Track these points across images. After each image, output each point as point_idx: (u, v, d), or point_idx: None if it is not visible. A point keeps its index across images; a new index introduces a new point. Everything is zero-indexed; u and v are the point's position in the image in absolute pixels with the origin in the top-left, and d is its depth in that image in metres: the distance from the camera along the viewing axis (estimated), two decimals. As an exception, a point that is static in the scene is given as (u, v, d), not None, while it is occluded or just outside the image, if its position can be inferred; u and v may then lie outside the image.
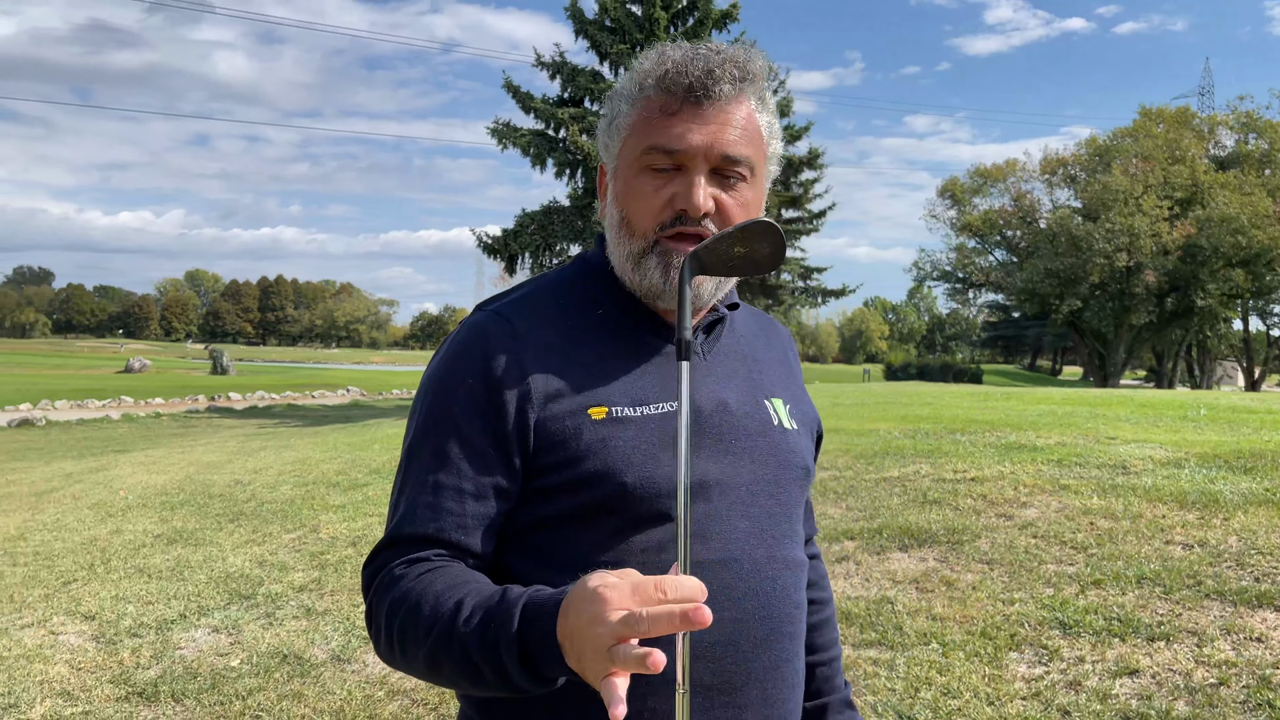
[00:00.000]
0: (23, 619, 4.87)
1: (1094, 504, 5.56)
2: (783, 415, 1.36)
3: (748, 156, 1.24)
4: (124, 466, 10.71)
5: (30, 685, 3.99)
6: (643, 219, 1.24)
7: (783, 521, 1.30)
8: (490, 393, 1.20)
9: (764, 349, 1.44)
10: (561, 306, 1.30)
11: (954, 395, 14.42)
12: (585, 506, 1.19)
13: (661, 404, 1.23)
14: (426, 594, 1.10)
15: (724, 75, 1.22)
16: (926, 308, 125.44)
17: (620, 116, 1.28)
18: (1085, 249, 43.73)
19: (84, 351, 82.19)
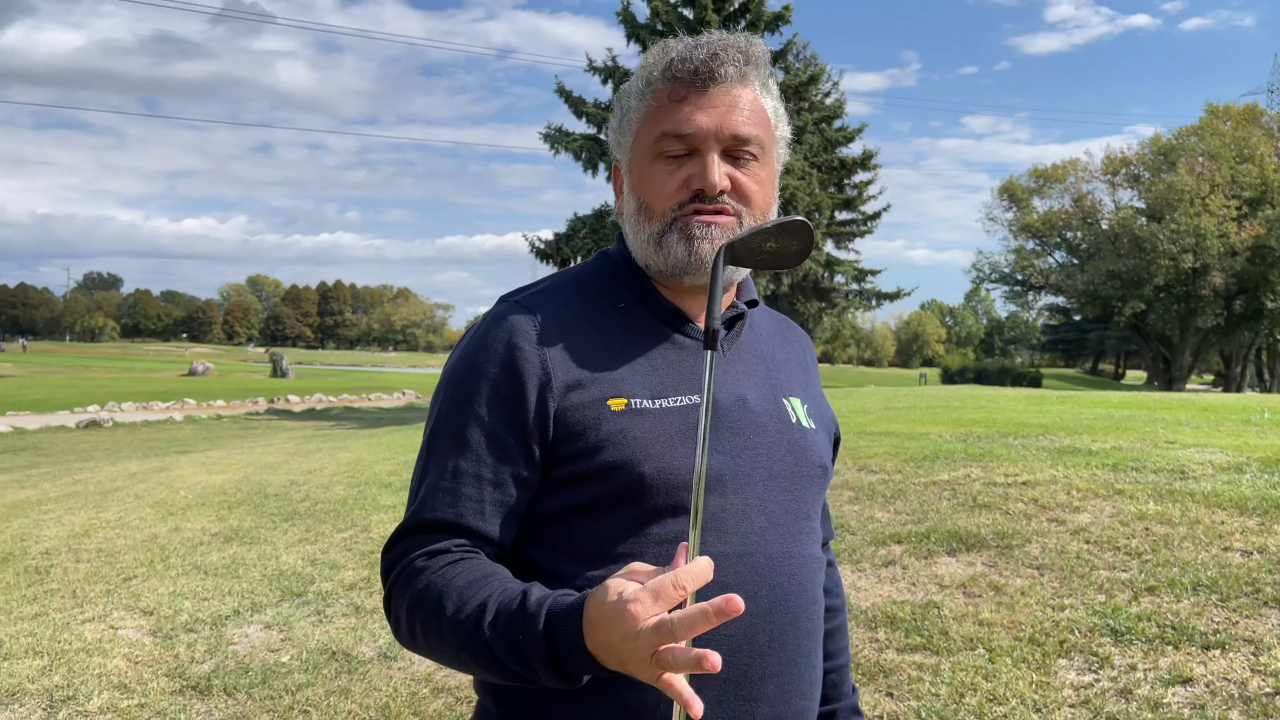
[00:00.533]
0: (84, 613, 5.01)
1: (1150, 509, 5.44)
2: (801, 414, 1.37)
3: (757, 135, 1.28)
4: (185, 467, 10.97)
5: (89, 678, 4.10)
6: (660, 201, 1.27)
7: (800, 518, 1.30)
8: (511, 382, 1.22)
9: (782, 349, 1.45)
10: (583, 299, 1.32)
11: (1008, 399, 14.19)
12: (603, 497, 1.21)
13: (680, 397, 1.25)
14: (449, 591, 1.12)
15: (727, 59, 1.26)
16: (985, 311, 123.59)
17: (630, 112, 1.32)
18: (1149, 250, 42.80)
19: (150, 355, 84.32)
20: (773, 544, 1.24)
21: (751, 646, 1.20)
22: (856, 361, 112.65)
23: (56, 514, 7.86)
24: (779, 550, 1.24)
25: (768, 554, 1.23)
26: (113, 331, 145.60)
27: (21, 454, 13.84)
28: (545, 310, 1.28)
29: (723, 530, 1.21)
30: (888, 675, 3.72)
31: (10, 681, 4.05)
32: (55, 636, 4.61)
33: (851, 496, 6.40)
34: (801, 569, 1.27)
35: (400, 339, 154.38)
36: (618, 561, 1.18)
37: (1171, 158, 46.02)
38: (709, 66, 1.25)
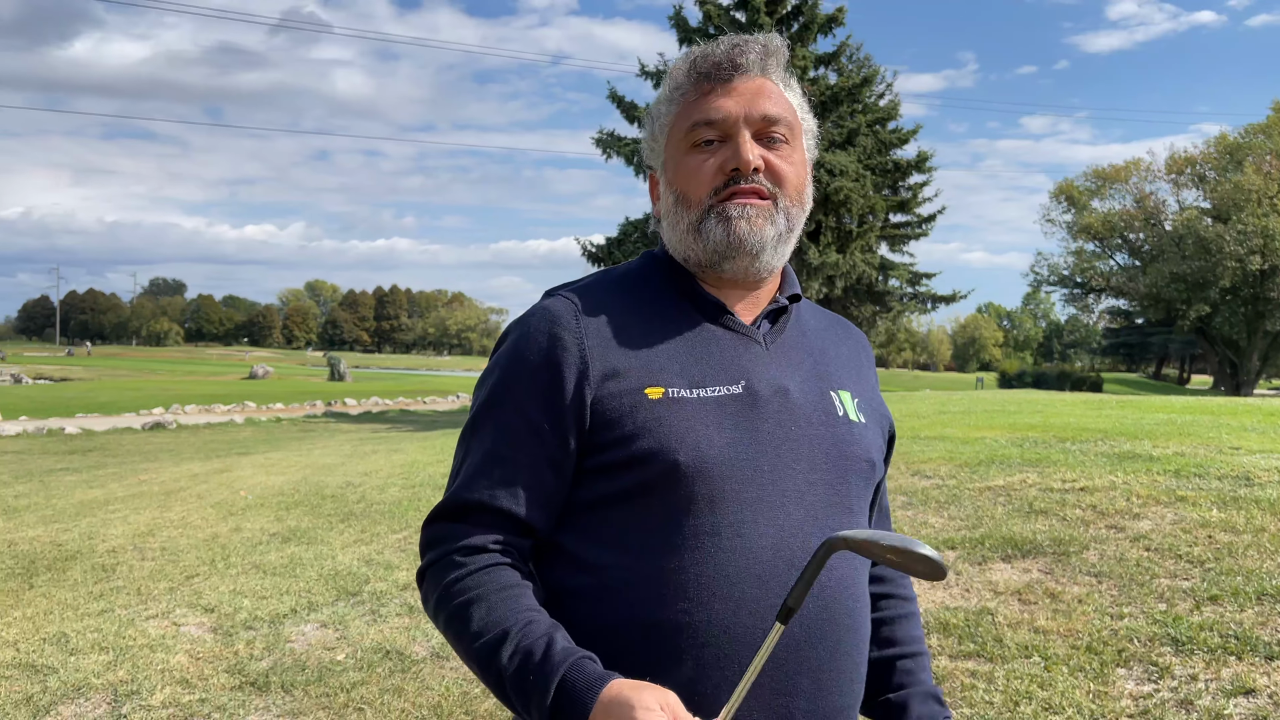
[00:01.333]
0: (148, 610, 5.14)
1: (1213, 516, 5.31)
2: (850, 407, 1.36)
3: (785, 117, 1.31)
4: (245, 468, 11.19)
5: (152, 673, 4.21)
6: (698, 188, 1.29)
7: (842, 512, 1.29)
8: (550, 370, 1.25)
9: (833, 344, 1.45)
10: (626, 292, 1.35)
11: (1066, 403, 13.93)
12: (638, 485, 1.22)
13: (718, 387, 1.26)
14: (478, 606, 1.18)
15: (747, 49, 1.31)
16: (1043, 314, 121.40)
17: (661, 118, 1.36)
18: (1215, 252, 41.76)
19: (212, 359, 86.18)
20: (811, 537, 1.23)
21: (786, 640, 1.19)
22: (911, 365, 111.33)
23: (123, 513, 8.07)
24: (817, 543, 1.23)
25: (805, 546, 1.22)
26: (177, 336, 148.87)
27: (90, 454, 14.23)
28: (587, 301, 1.31)
29: (758, 521, 1.21)
30: (940, 682, 3.68)
31: (77, 676, 4.17)
32: (120, 633, 4.74)
33: (905, 502, 6.34)
34: (841, 563, 1.26)
35: (455, 343, 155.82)
36: (654, 552, 1.20)
37: (1238, 156, 44.86)
38: (730, 57, 1.29)
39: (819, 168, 20.49)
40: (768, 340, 1.34)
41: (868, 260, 23.27)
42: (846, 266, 21.94)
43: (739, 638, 1.18)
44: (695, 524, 1.20)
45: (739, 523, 1.20)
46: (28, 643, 4.61)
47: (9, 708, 3.85)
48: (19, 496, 9.37)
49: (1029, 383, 52.21)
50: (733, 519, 1.20)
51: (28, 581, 5.80)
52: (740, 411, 1.25)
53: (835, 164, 20.66)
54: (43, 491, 9.72)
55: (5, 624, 4.92)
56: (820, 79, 22.82)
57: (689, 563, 1.19)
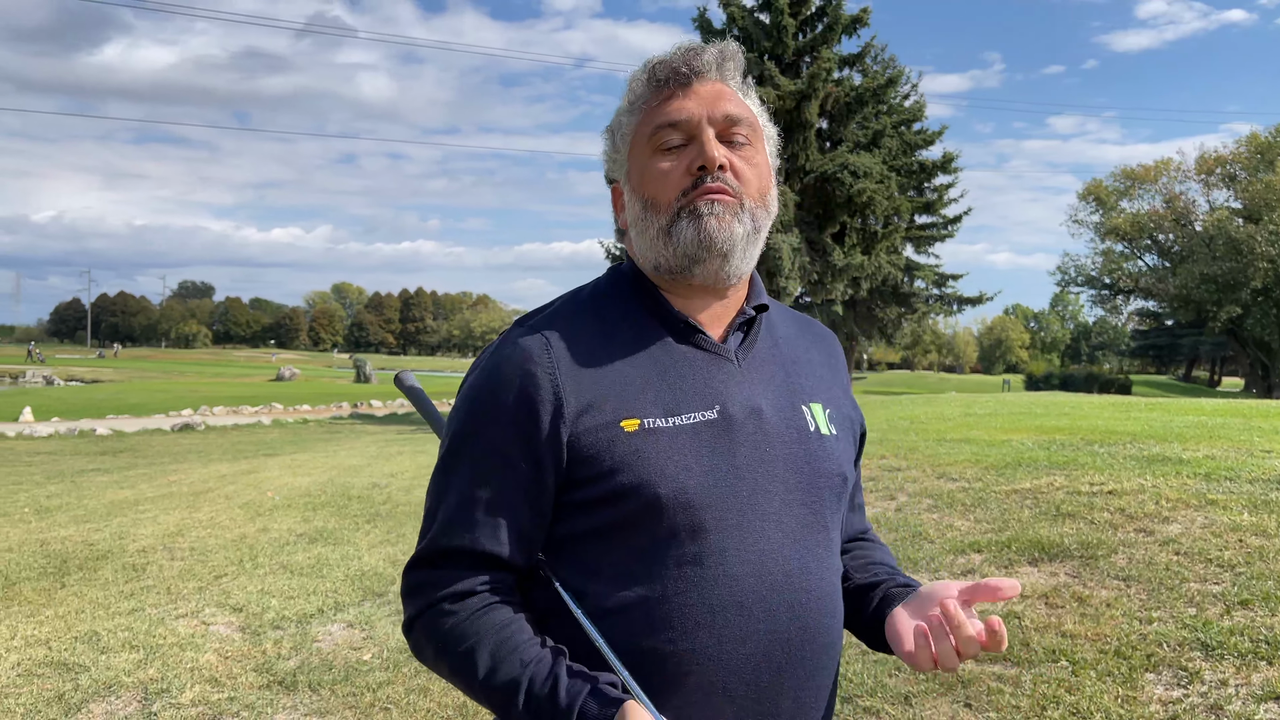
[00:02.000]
0: (178, 610, 5.20)
1: (1244, 520, 5.25)
2: (821, 421, 1.34)
3: (745, 116, 1.30)
4: (272, 469, 11.29)
5: (182, 672, 4.26)
6: (665, 192, 1.27)
7: (817, 530, 1.28)
8: (524, 408, 1.22)
9: (804, 351, 1.43)
10: (594, 317, 1.32)
11: (1094, 405, 13.80)
12: (620, 520, 1.21)
13: (694, 413, 1.24)
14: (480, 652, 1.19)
15: (703, 53, 1.30)
16: (1071, 315, 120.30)
17: (623, 129, 1.35)
18: (1246, 252, 41.26)
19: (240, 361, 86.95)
20: (790, 559, 1.23)
21: (770, 663, 1.20)
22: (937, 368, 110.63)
23: (152, 513, 8.16)
24: (796, 565, 1.23)
25: (785, 569, 1.22)
26: (205, 338, 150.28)
27: (120, 455, 14.40)
28: (557, 331, 1.28)
29: (740, 547, 1.20)
30: (966, 686, 3.66)
31: (108, 674, 4.22)
32: (150, 631, 4.79)
33: (930, 504, 6.31)
34: (819, 582, 1.26)
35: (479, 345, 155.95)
36: (636, 582, 1.20)
37: (1269, 156, 44.30)
38: (688, 62, 1.28)
39: (844, 169, 20.42)
40: (740, 357, 1.32)
41: (893, 262, 23.16)
42: (871, 268, 21.85)
43: (724, 665, 1.18)
44: (678, 554, 1.19)
45: (721, 550, 1.19)
46: (60, 641, 4.67)
47: (41, 705, 3.90)
48: (51, 496, 9.49)
49: (1056, 385, 51.73)
50: (715, 546, 1.19)
51: (60, 580, 5.88)
52: (716, 437, 1.23)
53: (859, 165, 20.57)
54: (74, 492, 9.85)
55: (38, 622, 4.99)
56: (845, 80, 22.74)
57: (672, 592, 1.18)
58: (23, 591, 5.62)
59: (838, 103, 21.69)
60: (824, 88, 20.91)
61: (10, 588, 5.71)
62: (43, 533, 7.41)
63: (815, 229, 21.04)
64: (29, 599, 5.46)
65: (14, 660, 4.40)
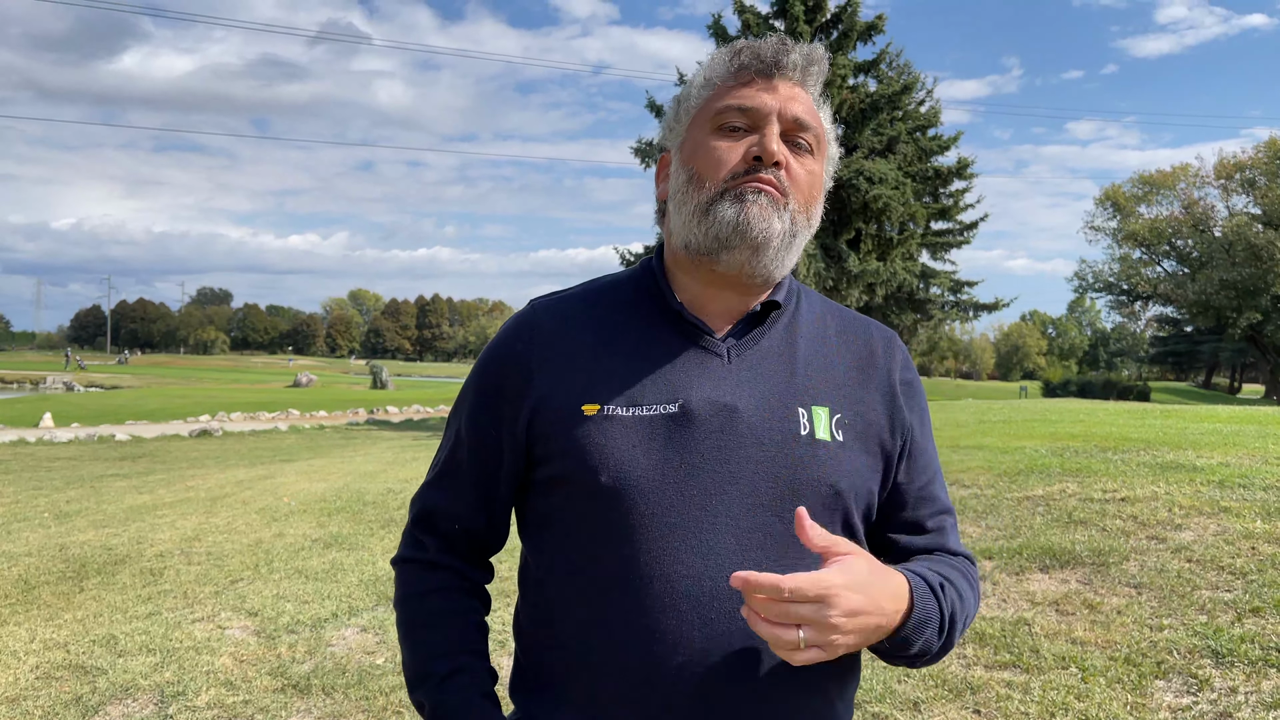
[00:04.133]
0: (194, 614, 5.25)
1: (1257, 527, 5.23)
2: (820, 425, 1.24)
3: (814, 126, 1.27)
4: (289, 475, 11.36)
5: (198, 675, 4.31)
6: (715, 170, 1.24)
7: (787, 541, 1.17)
8: (499, 379, 1.30)
9: (829, 352, 1.32)
10: (598, 305, 1.34)
11: (1108, 412, 13.74)
12: (566, 503, 1.23)
13: (655, 406, 1.21)
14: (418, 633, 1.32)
15: (793, 51, 1.28)
16: (1089, 322, 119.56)
17: (689, 100, 1.32)
18: (1266, 258, 40.94)
19: (258, 367, 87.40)
20: (739, 567, 1.14)
21: (713, 675, 1.14)
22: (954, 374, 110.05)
23: (170, 518, 8.24)
24: None
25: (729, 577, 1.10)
26: (223, 344, 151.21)
27: (139, 461, 14.52)
28: (554, 314, 1.32)
29: (683, 549, 1.16)
30: (975, 692, 3.67)
31: (125, 677, 4.27)
32: (167, 635, 4.85)
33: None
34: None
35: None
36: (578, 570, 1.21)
37: (1290, 161, 43.95)
38: (776, 57, 1.26)
39: (859, 175, 20.40)
40: (732, 353, 1.26)
41: (908, 268, 23.11)
42: (887, 274, 21.82)
43: (658, 670, 1.14)
44: (616, 547, 1.18)
45: (659, 549, 1.16)
46: (78, 644, 4.73)
47: (59, 708, 3.96)
48: (70, 501, 9.59)
49: (1074, 391, 51.39)
50: (653, 544, 1.16)
51: (78, 584, 5.95)
52: (673, 431, 1.19)
53: (875, 171, 20.55)
54: (93, 496, 9.95)
55: (56, 626, 5.05)
56: (860, 86, 22.73)
57: (606, 586, 1.18)
58: (42, 595, 5.69)
59: (853, 109, 21.69)
60: (839, 94, 20.91)
61: (29, 591, 5.78)
62: (62, 537, 7.49)
63: (831, 235, 21.03)
64: (48, 603, 5.53)
65: (33, 663, 4.46)
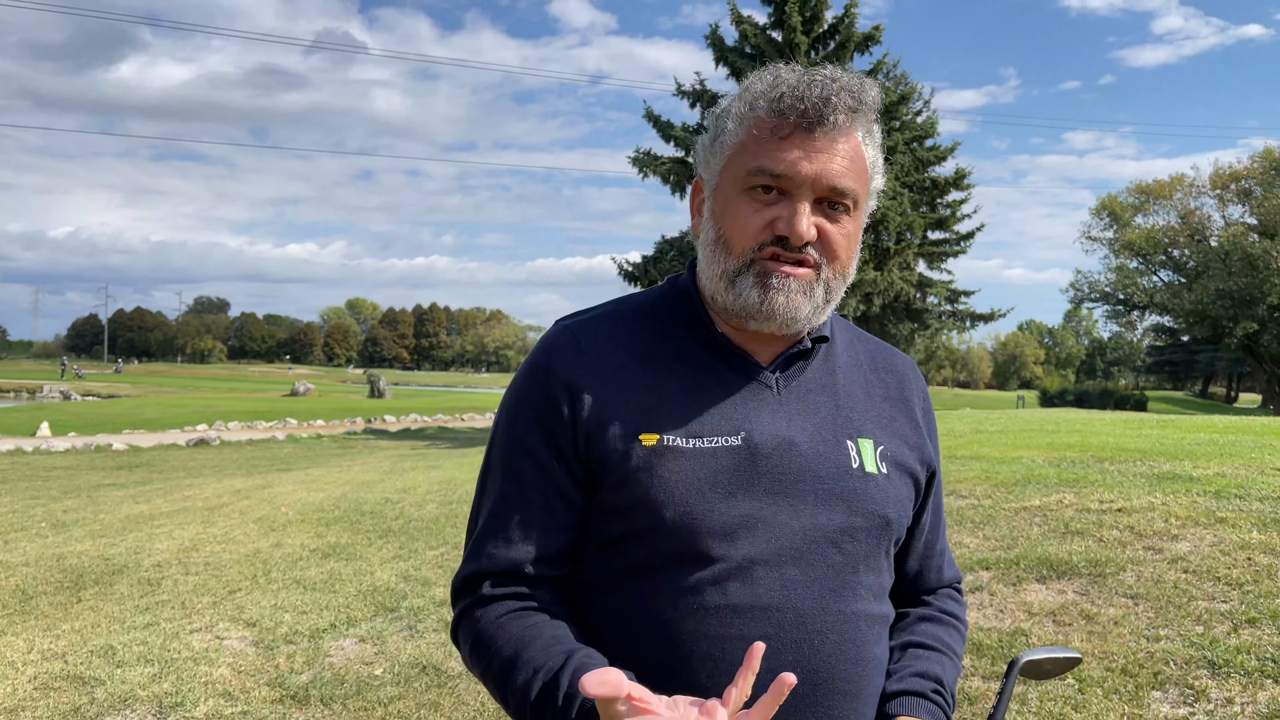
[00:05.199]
0: (192, 624, 5.26)
1: (1253, 538, 5.24)
2: (869, 458, 1.27)
3: (853, 189, 1.21)
4: (286, 484, 11.37)
5: (196, 685, 4.31)
6: (742, 238, 1.21)
7: (847, 572, 1.22)
8: (550, 406, 1.23)
9: (865, 384, 1.35)
10: (637, 328, 1.30)
11: (1105, 422, 13.77)
12: (626, 534, 1.20)
13: (717, 438, 1.21)
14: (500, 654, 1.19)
15: (839, 104, 1.18)
16: (1086, 331, 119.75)
17: (726, 134, 1.25)
18: (1262, 268, 41.05)
19: (255, 376, 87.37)
20: (805, 599, 1.18)
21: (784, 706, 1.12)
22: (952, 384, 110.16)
23: (168, 528, 8.24)
24: (812, 606, 1.18)
25: (797, 610, 1.17)
26: (220, 353, 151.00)
27: (136, 470, 14.51)
28: (592, 337, 1.28)
29: (750, 581, 1.16)
30: (973, 703, 3.68)
31: (123, 688, 4.27)
32: (165, 645, 4.85)
33: (939, 521, 6.32)
34: (841, 626, 1.20)
35: (493, 360, 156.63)
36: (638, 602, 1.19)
37: (1285, 171, 44.10)
38: (819, 110, 1.17)
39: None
40: (780, 385, 1.27)
41: (905, 278, 23.16)
42: (884, 284, 21.87)
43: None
44: (681, 579, 1.17)
45: (725, 580, 1.16)
46: (76, 655, 4.73)
47: (58, 718, 3.96)
48: (67, 511, 9.59)
49: (1071, 401, 51.47)
50: (719, 576, 1.16)
51: (76, 595, 5.95)
52: (737, 466, 1.19)
53: (872, 182, 20.60)
54: (90, 506, 9.95)
55: (54, 636, 5.05)
56: (857, 97, 22.80)
57: (670, 618, 1.16)
58: (39, 606, 5.69)
59: (849, 119, 21.75)
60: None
61: (27, 602, 5.78)
62: (59, 547, 7.49)
63: (827, 245, 21.06)
64: (45, 613, 5.53)
65: (31, 674, 4.46)
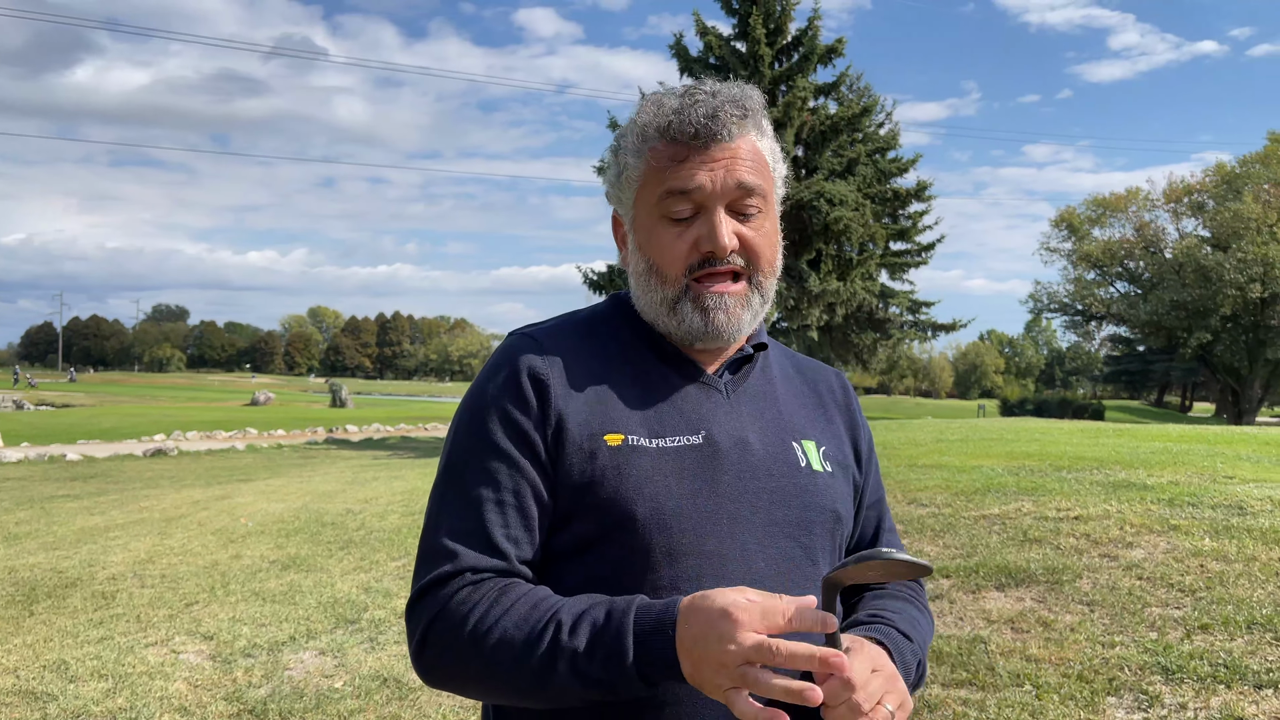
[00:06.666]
0: (147, 638, 5.17)
1: (1205, 545, 5.34)
2: (814, 457, 1.34)
3: (759, 185, 1.27)
4: (246, 495, 11.23)
5: (151, 701, 4.24)
6: (672, 265, 1.26)
7: (807, 565, 1.27)
8: (519, 405, 1.24)
9: (797, 392, 1.42)
10: (591, 338, 1.34)
11: (1063, 431, 13.97)
12: (597, 535, 1.21)
13: (679, 437, 1.25)
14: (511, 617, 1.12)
15: (726, 118, 1.24)
16: (1045, 341, 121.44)
17: (629, 169, 1.30)
18: (1215, 280, 41.82)
19: (215, 385, 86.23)
20: (775, 589, 1.17)
21: None
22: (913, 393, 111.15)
23: (123, 540, 8.10)
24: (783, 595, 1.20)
25: None
26: (179, 362, 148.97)
27: (91, 481, 14.26)
28: (550, 342, 1.31)
29: (723, 574, 1.19)
30: (932, 710, 3.71)
31: (76, 704, 4.20)
32: (120, 660, 4.77)
33: (900, 530, 6.37)
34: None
35: (457, 369, 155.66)
36: None
37: (1236, 185, 45.01)
38: (709, 127, 1.23)
39: (820, 197, 20.61)
40: (729, 389, 1.33)
41: (868, 288, 23.38)
42: (847, 294, 22.05)
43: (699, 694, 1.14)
44: (652, 576, 1.19)
45: (697, 575, 1.19)
46: (28, 670, 4.64)
47: (8, 735, 3.88)
48: (20, 523, 9.40)
49: (1030, 410, 52.17)
50: (690, 572, 1.19)
51: (28, 609, 5.83)
52: (700, 463, 1.24)
53: (835, 193, 20.79)
54: (44, 518, 9.76)
55: (5, 651, 4.95)
56: (820, 108, 23.01)
57: None
58: (-10, 620, 5.57)
59: (813, 131, 21.95)
60: (800, 116, 21.14)
61: (-22, 616, 5.66)
62: (11, 560, 7.34)
63: (792, 255, 21.21)
64: (-3, 627, 5.42)
65: (-19, 689, 4.37)
